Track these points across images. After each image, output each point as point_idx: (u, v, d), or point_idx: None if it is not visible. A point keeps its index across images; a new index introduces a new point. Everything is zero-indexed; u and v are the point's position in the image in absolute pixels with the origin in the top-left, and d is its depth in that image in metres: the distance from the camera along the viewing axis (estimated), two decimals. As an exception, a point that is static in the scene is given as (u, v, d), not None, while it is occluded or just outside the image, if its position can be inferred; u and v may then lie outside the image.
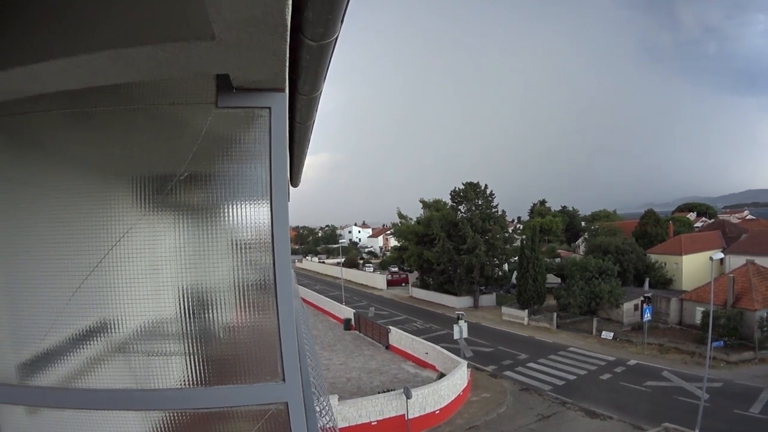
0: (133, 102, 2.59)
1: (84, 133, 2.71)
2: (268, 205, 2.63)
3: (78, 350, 2.78)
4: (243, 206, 2.65)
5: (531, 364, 45.69)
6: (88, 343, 2.77)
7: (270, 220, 2.64)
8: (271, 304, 2.68)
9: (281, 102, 2.59)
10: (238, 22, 1.85)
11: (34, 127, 2.73)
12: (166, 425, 2.76)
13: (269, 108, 2.57)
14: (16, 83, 2.42)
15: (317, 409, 4.08)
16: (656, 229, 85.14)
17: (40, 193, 2.77)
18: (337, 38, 2.27)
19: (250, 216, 2.65)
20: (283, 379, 2.71)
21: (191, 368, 2.72)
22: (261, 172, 2.61)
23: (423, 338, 48.90)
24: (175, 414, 2.75)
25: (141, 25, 2.04)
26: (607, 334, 53.35)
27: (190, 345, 2.72)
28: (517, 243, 75.81)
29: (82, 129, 2.70)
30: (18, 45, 2.21)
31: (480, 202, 75.01)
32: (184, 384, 2.72)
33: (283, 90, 2.56)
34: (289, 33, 1.99)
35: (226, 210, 2.66)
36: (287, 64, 2.28)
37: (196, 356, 2.72)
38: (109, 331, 2.75)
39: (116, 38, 2.07)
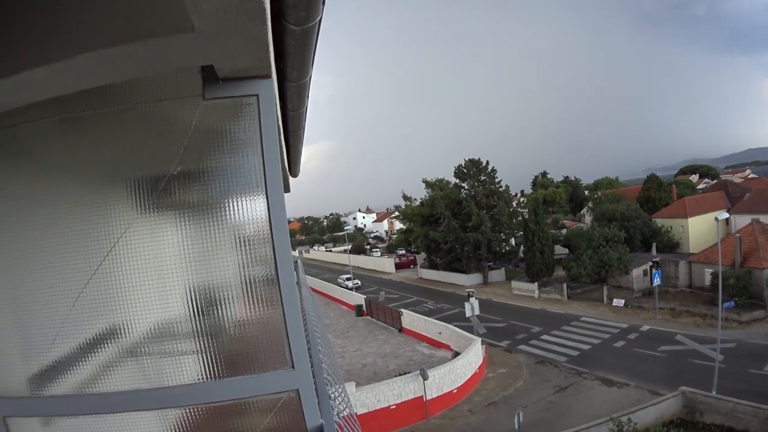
0: (120, 102, 2.57)
1: (74, 138, 2.71)
2: (264, 193, 2.62)
3: (87, 355, 2.78)
4: (238, 196, 2.64)
5: (545, 337, 45.73)
6: (96, 347, 2.77)
7: (267, 208, 2.63)
8: (274, 292, 2.68)
9: (268, 88, 2.58)
10: (215, 11, 1.83)
11: (24, 139, 2.72)
12: (182, 422, 2.78)
13: (257, 95, 2.55)
14: (2, 95, 2.40)
15: (332, 396, 4.09)
16: (660, 193, 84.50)
17: (33, 204, 2.77)
18: (320, 21, 2.25)
19: (247, 205, 2.64)
20: (293, 366, 2.71)
21: (201, 363, 2.72)
22: (253, 160, 2.60)
23: (435, 318, 48.93)
24: (190, 410, 2.76)
25: (120, 24, 2.03)
26: (618, 302, 53.28)
27: (198, 340, 2.72)
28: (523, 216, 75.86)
29: (72, 135, 2.70)
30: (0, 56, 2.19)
31: (483, 178, 74.80)
32: (196, 379, 2.73)
33: (269, 76, 2.54)
34: (269, 17, 1.97)
35: (221, 201, 2.65)
36: (270, 48, 2.27)
37: (204, 351, 2.72)
38: (115, 333, 2.75)
39: (97, 40, 2.06)
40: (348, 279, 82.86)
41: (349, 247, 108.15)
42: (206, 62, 2.36)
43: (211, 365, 2.72)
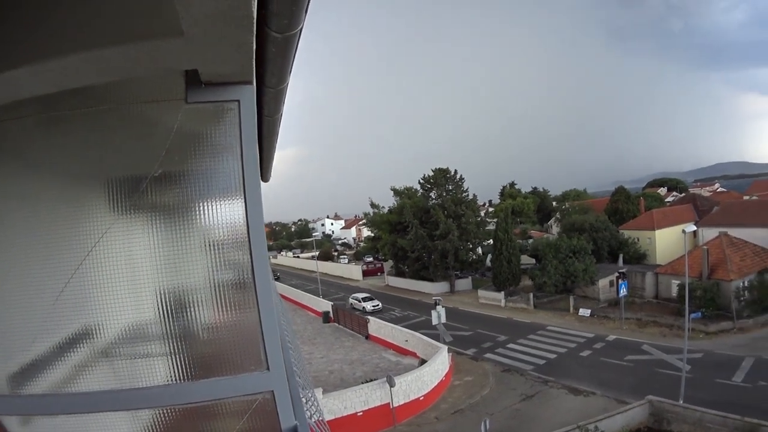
0: (105, 102, 2.58)
1: (58, 137, 2.70)
2: (242, 198, 2.64)
3: (65, 355, 2.78)
4: (217, 200, 2.66)
5: (511, 345, 45.97)
6: (74, 347, 2.77)
7: (245, 213, 2.65)
8: (251, 295, 2.70)
9: (249, 94, 2.61)
10: (205, 17, 1.86)
11: (9, 136, 2.71)
12: (158, 422, 2.78)
13: (238, 101, 2.58)
14: (-7, 92, 2.41)
15: (303, 400, 4.11)
16: (628, 205, 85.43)
17: (16, 203, 2.77)
18: (301, 29, 2.29)
19: (225, 209, 2.66)
20: (267, 368, 2.73)
21: (176, 364, 2.73)
22: (233, 165, 2.63)
23: (402, 326, 48.99)
24: (165, 411, 2.77)
25: (111, 25, 2.04)
26: (584, 312, 53.70)
27: (174, 341, 2.73)
28: (490, 226, 76.18)
29: (57, 134, 2.69)
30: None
31: (450, 188, 75.24)
32: (171, 380, 2.74)
33: (250, 82, 2.57)
34: (255, 26, 2.01)
35: (201, 205, 2.67)
36: (254, 56, 2.31)
37: (180, 352, 2.73)
38: (94, 334, 2.75)
39: (88, 39, 2.08)
40: (366, 299, 68.88)
41: (317, 253, 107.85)
42: (191, 66, 2.39)
43: (187, 367, 2.73)
